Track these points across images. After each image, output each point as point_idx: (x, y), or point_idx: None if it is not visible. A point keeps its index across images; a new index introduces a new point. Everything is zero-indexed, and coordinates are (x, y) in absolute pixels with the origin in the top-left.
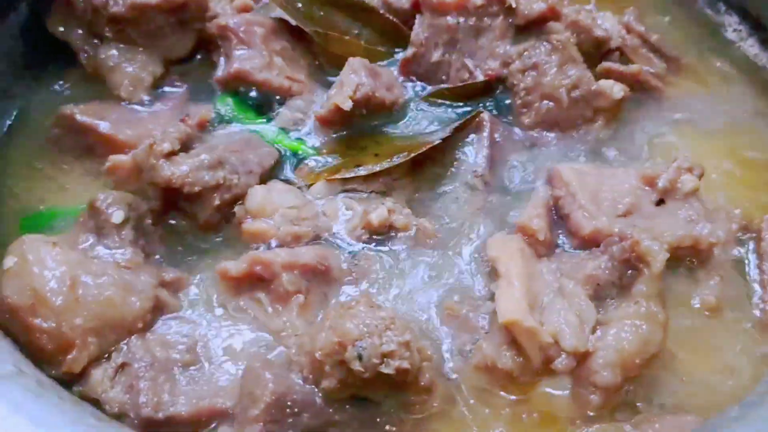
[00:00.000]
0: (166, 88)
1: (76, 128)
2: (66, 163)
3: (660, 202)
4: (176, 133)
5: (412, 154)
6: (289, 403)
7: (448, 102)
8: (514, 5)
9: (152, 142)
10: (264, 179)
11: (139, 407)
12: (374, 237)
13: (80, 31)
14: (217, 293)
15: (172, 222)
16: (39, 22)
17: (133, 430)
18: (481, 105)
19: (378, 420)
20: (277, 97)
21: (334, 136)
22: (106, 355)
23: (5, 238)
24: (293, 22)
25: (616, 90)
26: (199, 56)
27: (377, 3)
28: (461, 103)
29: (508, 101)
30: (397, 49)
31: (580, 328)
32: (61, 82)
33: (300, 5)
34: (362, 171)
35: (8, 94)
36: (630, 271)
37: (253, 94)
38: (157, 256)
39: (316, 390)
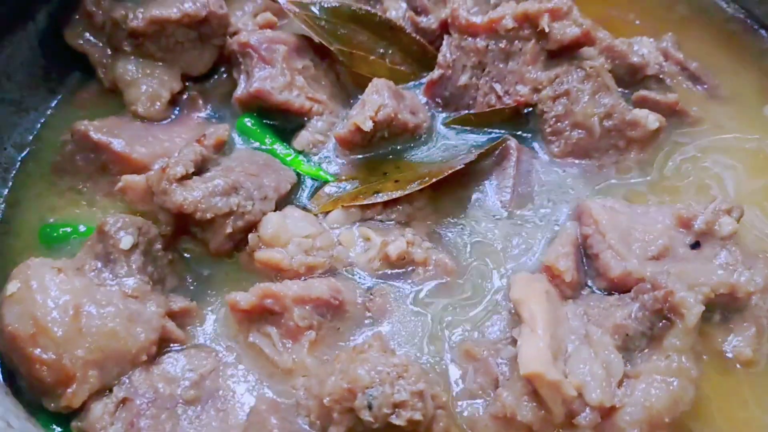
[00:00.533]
0: (185, 105)
1: (90, 145)
2: (81, 179)
3: (695, 245)
4: (191, 155)
5: (432, 180)
6: None
7: (474, 128)
8: (546, 29)
9: (165, 166)
10: (280, 205)
11: None
12: (392, 270)
13: (99, 44)
14: (227, 325)
15: (185, 248)
16: (58, 33)
17: None
18: (508, 132)
19: None
20: (299, 119)
21: (354, 158)
22: (108, 389)
23: (23, 249)
24: (317, 40)
25: (651, 120)
26: (220, 73)
27: (404, 22)
28: (488, 130)
29: (536, 129)
30: (423, 72)
31: (607, 381)
32: (78, 96)
33: (324, 23)
34: (380, 198)
35: (23, 106)
36: (662, 322)
37: (274, 113)
38: (167, 284)
39: None
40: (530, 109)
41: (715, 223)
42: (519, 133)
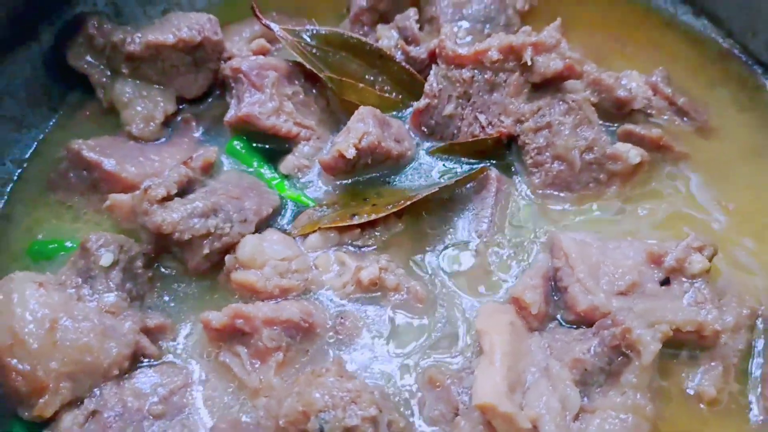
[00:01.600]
0: (178, 127)
1: (82, 163)
2: (74, 196)
3: (665, 281)
4: (176, 177)
5: (406, 204)
6: None
7: (457, 157)
8: (529, 62)
9: (147, 187)
10: (260, 227)
11: None
12: (364, 295)
13: (99, 66)
14: (201, 343)
15: (165, 266)
16: (60, 53)
17: None
18: (490, 162)
19: None
20: (286, 144)
21: (338, 184)
22: (80, 401)
23: (12, 263)
24: (308, 66)
25: (633, 155)
26: (215, 97)
27: (395, 51)
28: (471, 159)
29: (518, 160)
30: (412, 100)
31: (562, 415)
32: (77, 114)
33: (315, 50)
34: (356, 220)
35: (24, 123)
36: (620, 359)
37: (264, 137)
38: (146, 300)
39: None
40: (514, 141)
41: (685, 260)
42: (501, 163)
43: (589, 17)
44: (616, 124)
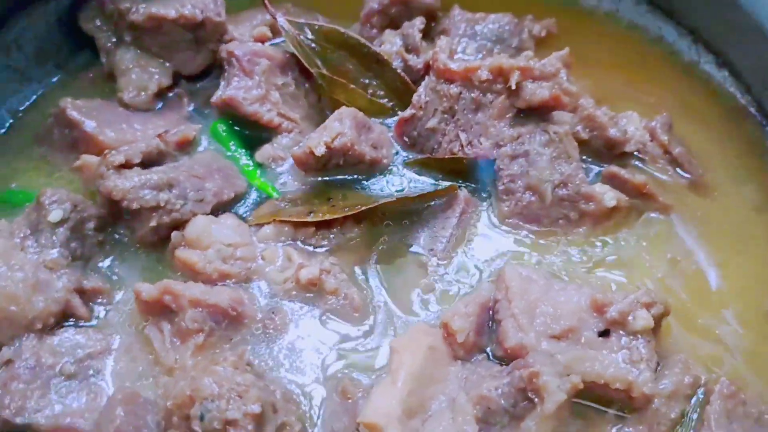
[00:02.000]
0: (170, 101)
1: (66, 121)
2: (55, 153)
3: (604, 333)
4: (143, 147)
5: (362, 209)
6: None
7: (433, 172)
8: (513, 86)
9: (107, 152)
10: (218, 210)
11: (2, 407)
12: (302, 294)
13: (107, 31)
14: (131, 314)
15: (119, 232)
16: (74, 15)
17: None
18: (464, 183)
19: None
20: (268, 134)
21: (307, 180)
22: None
23: None
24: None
25: (608, 197)
26: (212, 77)
27: (395, 58)
28: (445, 177)
29: (491, 185)
30: (402, 109)
31: None
32: (81, 76)
33: (315, 45)
34: (311, 218)
35: (25, 75)
36: (524, 403)
37: (250, 124)
38: (91, 262)
39: None
40: (491, 164)
41: (629, 314)
42: (474, 186)
43: (607, 54)
44: (604, 165)
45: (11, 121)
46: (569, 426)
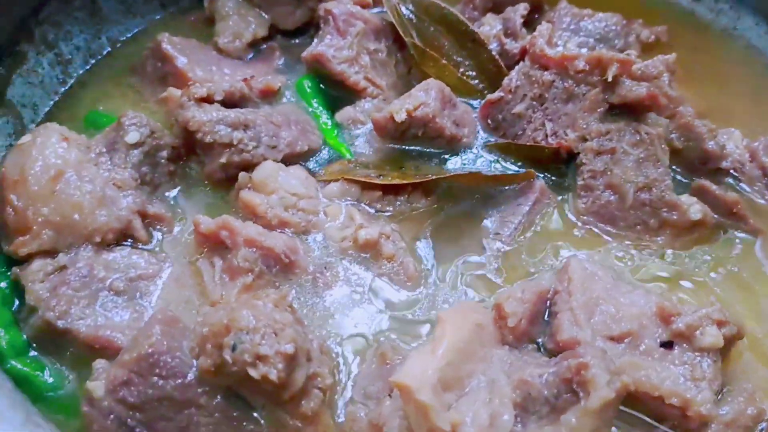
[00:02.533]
0: (263, 53)
1: (159, 55)
2: (146, 84)
3: (667, 344)
4: (226, 86)
5: (431, 178)
6: (161, 363)
7: (512, 159)
8: (610, 79)
9: (190, 84)
10: (289, 162)
11: (48, 309)
12: (358, 254)
13: None
14: (188, 245)
15: (191, 166)
16: None
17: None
18: (543, 174)
19: (243, 425)
20: (349, 97)
21: (384, 147)
22: (56, 254)
23: (70, 120)
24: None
25: (694, 210)
26: (308, 35)
27: (493, 40)
28: (524, 164)
29: (572, 179)
30: (491, 92)
31: (486, 431)
32: (183, 17)
33: (413, 16)
34: (380, 180)
35: (131, 10)
36: (568, 395)
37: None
38: (159, 190)
39: (195, 366)
40: (573, 157)
41: (697, 329)
42: (554, 179)
43: (716, 70)
44: (694, 179)
45: (109, 49)
46: None
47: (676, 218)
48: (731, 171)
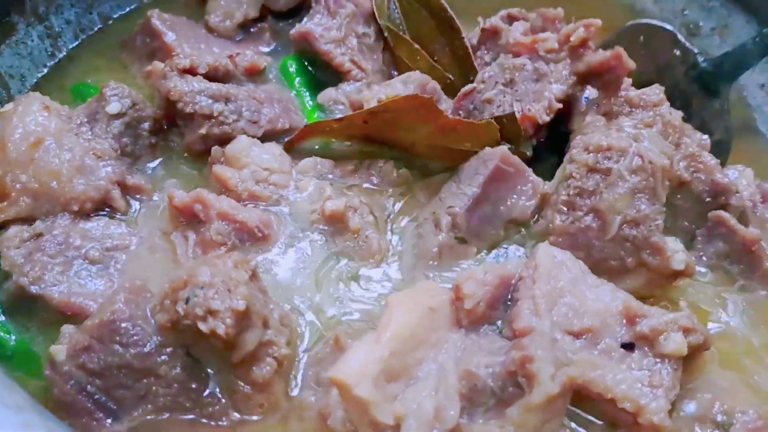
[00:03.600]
0: (252, 34)
1: (149, 31)
2: (134, 59)
3: (628, 345)
4: (210, 60)
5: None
6: (122, 330)
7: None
8: (575, 42)
9: (174, 55)
10: (270, 138)
11: (21, 274)
12: (325, 227)
13: None
14: (162, 217)
15: (172, 139)
16: None
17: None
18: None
19: (201, 397)
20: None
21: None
22: (33, 221)
23: (58, 91)
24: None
25: (678, 259)
26: (299, 18)
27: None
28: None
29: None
30: (459, 80)
31: (430, 425)
32: None
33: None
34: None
35: None
36: (513, 388)
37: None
38: (139, 161)
39: (156, 338)
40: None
41: (662, 333)
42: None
43: None
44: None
45: (100, 25)
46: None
47: (656, 263)
48: (738, 208)
